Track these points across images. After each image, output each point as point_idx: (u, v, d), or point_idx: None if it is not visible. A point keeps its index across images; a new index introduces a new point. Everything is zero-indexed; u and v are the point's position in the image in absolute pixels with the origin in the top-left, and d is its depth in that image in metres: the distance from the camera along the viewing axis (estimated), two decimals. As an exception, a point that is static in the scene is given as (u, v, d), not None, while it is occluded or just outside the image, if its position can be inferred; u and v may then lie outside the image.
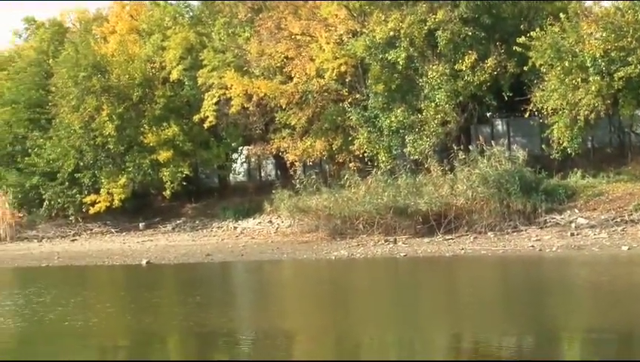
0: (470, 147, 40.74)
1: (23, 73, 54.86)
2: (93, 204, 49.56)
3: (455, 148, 40.18)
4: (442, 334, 18.00)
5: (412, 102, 42.59)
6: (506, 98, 41.60)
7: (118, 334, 19.78)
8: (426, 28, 41.28)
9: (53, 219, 52.34)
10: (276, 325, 20.12)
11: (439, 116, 41.42)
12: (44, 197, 51.65)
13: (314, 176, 43.79)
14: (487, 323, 18.79)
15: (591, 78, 37.42)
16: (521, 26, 40.44)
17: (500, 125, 47.23)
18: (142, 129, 48.94)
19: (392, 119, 42.29)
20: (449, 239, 37.19)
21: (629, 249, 31.75)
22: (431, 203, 38.23)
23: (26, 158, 52.27)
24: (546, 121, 40.29)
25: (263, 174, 56.09)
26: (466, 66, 40.72)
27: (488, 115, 46.18)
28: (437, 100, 41.39)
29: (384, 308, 22.16)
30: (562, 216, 37.66)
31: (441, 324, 19.19)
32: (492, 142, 41.32)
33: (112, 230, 50.46)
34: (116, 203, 49.09)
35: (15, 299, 27.37)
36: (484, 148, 39.52)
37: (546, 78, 39.11)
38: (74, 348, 18.36)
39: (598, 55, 37.23)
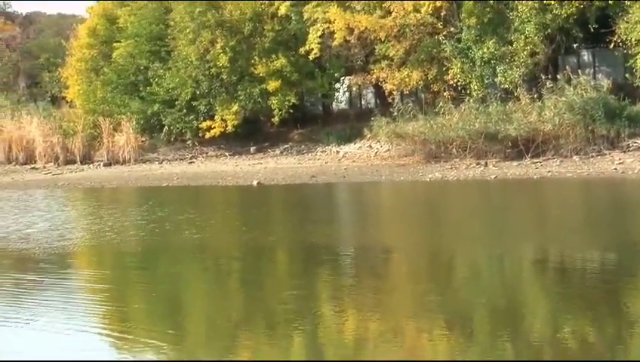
0: (557, 76, 40.26)
1: (145, 9, 55.21)
2: (208, 129, 50.17)
3: (543, 77, 39.70)
4: (530, 249, 17.95)
5: (503, 34, 41.98)
6: (592, 30, 40.63)
7: (231, 247, 20.06)
8: (516, -36, 40.66)
9: (172, 143, 53.01)
10: (375, 241, 20.22)
11: (528, 48, 40.84)
12: (164, 123, 52.38)
13: (410, 104, 43.75)
14: (572, 239, 18.68)
15: (674, 10, 36.57)
16: (608, -39, 39.49)
17: (585, 56, 46.34)
18: (252, 61, 49.14)
19: (484, 51, 41.83)
20: (536, 162, 36.88)
21: None
22: (520, 129, 37.91)
23: (148, 87, 52.92)
24: (629, 52, 39.40)
25: (363, 102, 56.01)
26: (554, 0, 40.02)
27: (575, 46, 45.28)
28: (526, 33, 40.75)
29: (476, 226, 22.13)
30: (644, 141, 37.18)
31: (529, 240, 19.12)
32: (578, 71, 40.62)
33: (226, 153, 50.95)
34: (229, 128, 49.60)
35: (132, 215, 27.87)
36: (571, 77, 38.89)
37: (631, 11, 38.16)
38: (188, 259, 18.74)
39: (682, -12, 36.30)
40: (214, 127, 49.87)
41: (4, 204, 33.73)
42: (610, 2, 38.88)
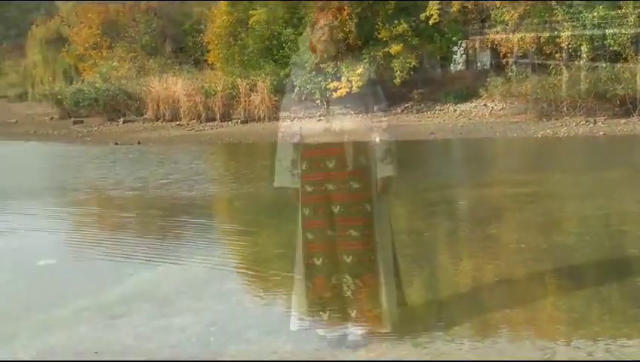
0: (666, 39, 39.29)
1: (278, -21, 55.54)
2: (335, 89, 50.27)
3: (651, 39, 38.84)
4: (638, 201, 17.52)
5: (612, -1, 41.09)
6: (701, -7, 39.54)
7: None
8: None
9: (302, 102, 53.27)
10: (489, 192, 20.09)
11: (637, 11, 39.78)
12: (295, 83, 52.65)
13: (524, 66, 43.19)
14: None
15: None
16: None
17: (693, 19, 44.85)
18: (376, 26, 49.06)
19: (594, 15, 40.88)
20: (643, 120, 36.10)
21: None
22: (627, 88, 37.15)
23: (280, 51, 53.39)
24: None
25: (479, 64, 55.50)
26: (663, -34, 38.77)
27: (683, 9, 43.98)
28: (636, -3, 39.83)
29: (586, 179, 21.73)
30: None
31: (636, 192, 18.67)
32: (686, 34, 39.59)
33: (351, 112, 50.96)
34: (354, 89, 49.59)
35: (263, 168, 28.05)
36: (678, 39, 37.92)
37: None
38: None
39: None
40: (341, 88, 49.91)
41: (146, 157, 34.47)
42: None
